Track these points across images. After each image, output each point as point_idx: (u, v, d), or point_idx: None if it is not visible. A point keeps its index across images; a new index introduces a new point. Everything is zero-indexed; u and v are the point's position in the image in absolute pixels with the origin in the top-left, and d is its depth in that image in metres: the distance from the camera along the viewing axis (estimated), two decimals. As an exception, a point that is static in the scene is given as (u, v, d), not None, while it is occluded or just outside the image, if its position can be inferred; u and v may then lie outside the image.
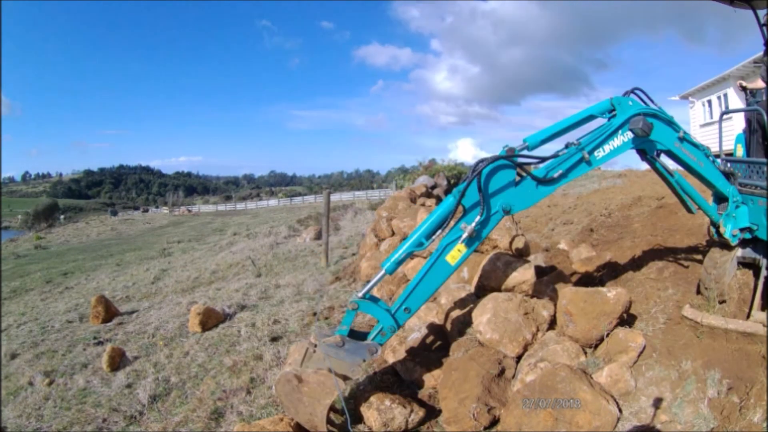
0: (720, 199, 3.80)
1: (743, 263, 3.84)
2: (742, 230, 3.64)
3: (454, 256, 3.04)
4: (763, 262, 3.65)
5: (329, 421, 3.22)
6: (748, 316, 3.49)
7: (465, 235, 2.94)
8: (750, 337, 3.22)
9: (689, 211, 3.79)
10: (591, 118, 3.24)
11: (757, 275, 3.69)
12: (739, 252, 3.81)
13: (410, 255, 3.04)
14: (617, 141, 3.12)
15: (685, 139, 3.42)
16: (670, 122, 3.37)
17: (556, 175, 3.03)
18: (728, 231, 3.64)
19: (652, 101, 3.40)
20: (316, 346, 3.21)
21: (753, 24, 3.56)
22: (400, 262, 3.03)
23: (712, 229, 3.78)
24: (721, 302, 3.79)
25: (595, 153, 3.09)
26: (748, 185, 3.68)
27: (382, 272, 3.07)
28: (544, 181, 3.03)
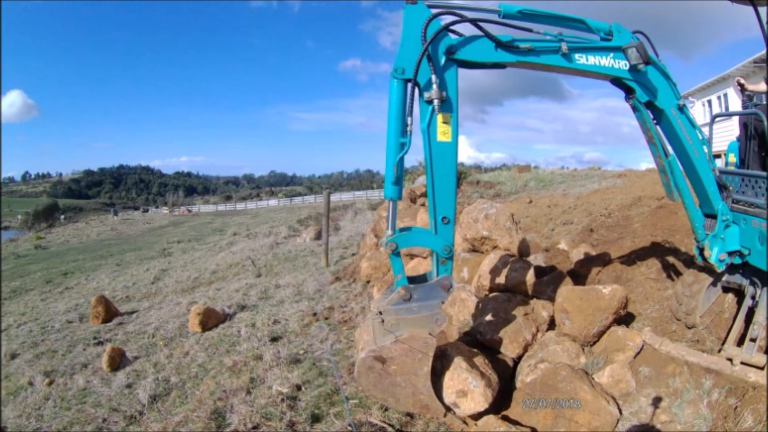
0: (705, 214, 3.20)
1: (727, 288, 3.49)
2: (730, 254, 3.10)
3: (444, 131, 2.50)
4: (749, 290, 3.24)
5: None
6: (720, 349, 3.15)
7: (436, 102, 2.41)
8: (715, 374, 2.92)
9: (670, 195, 3.10)
10: (581, 24, 2.70)
11: (740, 303, 3.33)
12: (723, 277, 3.41)
13: (401, 164, 2.47)
14: (605, 60, 2.66)
15: (684, 112, 2.88)
16: (670, 81, 2.85)
17: (523, 45, 2.52)
18: (714, 255, 3.08)
19: (656, 53, 2.84)
20: (381, 313, 2.64)
21: (718, 31, 3.20)
22: (396, 180, 2.47)
23: (695, 249, 3.20)
24: (691, 327, 3.50)
25: (577, 55, 2.62)
26: (741, 202, 3.15)
27: (391, 203, 2.53)
28: (506, 46, 2.51)
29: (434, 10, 2.43)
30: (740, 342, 3.05)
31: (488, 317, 3.68)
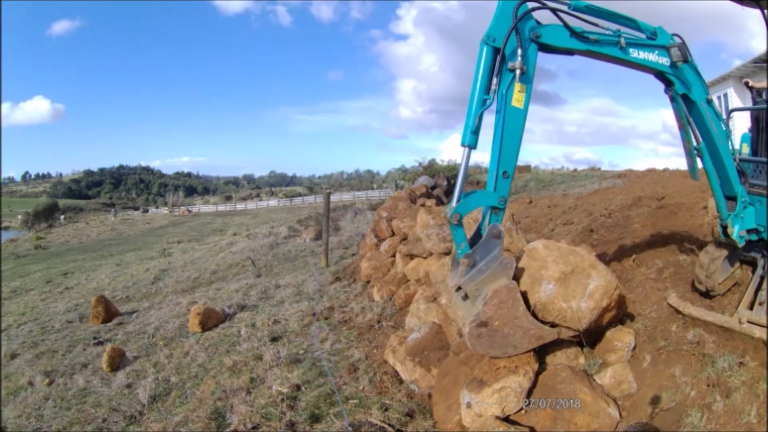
0: (726, 197, 3.62)
1: (743, 260, 3.86)
2: (749, 231, 3.56)
3: (518, 99, 2.87)
4: (760, 262, 3.64)
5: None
6: (734, 312, 3.48)
7: (518, 72, 2.79)
8: (728, 332, 3.25)
9: (693, 176, 3.61)
10: (632, 23, 3.15)
11: (754, 273, 3.70)
12: (738, 249, 3.80)
13: (481, 117, 2.83)
14: (652, 56, 3.12)
15: (711, 106, 3.33)
16: (701, 78, 3.28)
17: (592, 37, 2.98)
18: (736, 232, 3.55)
19: (690, 54, 3.26)
20: (460, 288, 2.96)
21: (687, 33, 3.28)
22: (475, 130, 2.81)
23: (719, 229, 3.66)
24: (711, 297, 3.84)
25: (631, 49, 3.07)
26: (756, 186, 3.63)
27: (466, 150, 2.82)
28: (578, 36, 2.96)
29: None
30: (752, 307, 3.41)
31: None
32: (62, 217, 49.49)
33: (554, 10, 2.91)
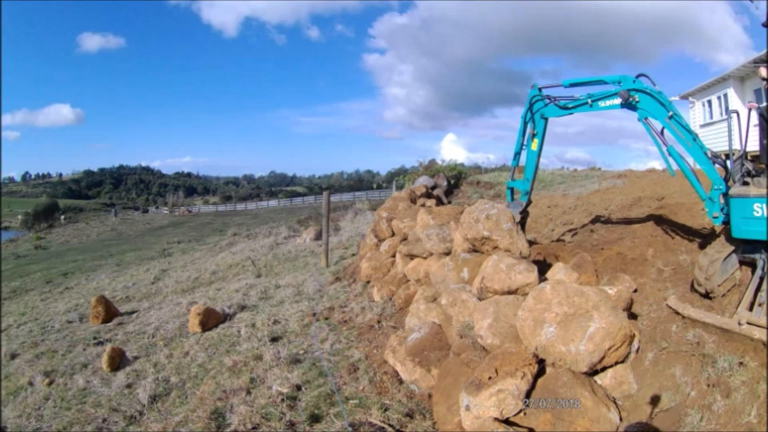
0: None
1: (743, 261, 3.87)
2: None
3: (534, 145, 5.25)
4: (760, 262, 3.65)
5: None
6: (733, 313, 3.47)
7: (531, 134, 5.24)
8: (728, 333, 3.26)
9: (671, 173, 4.51)
10: (602, 82, 4.57)
11: (753, 274, 3.70)
12: (739, 250, 3.83)
13: (519, 153, 5.46)
14: (610, 101, 4.48)
15: (674, 119, 4.20)
16: (660, 102, 4.24)
17: (570, 105, 4.79)
18: (709, 213, 4.15)
19: (654, 84, 4.36)
20: None
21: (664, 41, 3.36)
22: (516, 159, 5.53)
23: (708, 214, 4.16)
24: (711, 298, 3.85)
25: (600, 102, 4.55)
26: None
27: (513, 168, 5.92)
28: (562, 107, 4.87)
29: (539, 91, 5.05)
30: (751, 308, 3.41)
31: (490, 320, 3.67)
32: (62, 217, 49.40)
33: (550, 97, 4.95)
